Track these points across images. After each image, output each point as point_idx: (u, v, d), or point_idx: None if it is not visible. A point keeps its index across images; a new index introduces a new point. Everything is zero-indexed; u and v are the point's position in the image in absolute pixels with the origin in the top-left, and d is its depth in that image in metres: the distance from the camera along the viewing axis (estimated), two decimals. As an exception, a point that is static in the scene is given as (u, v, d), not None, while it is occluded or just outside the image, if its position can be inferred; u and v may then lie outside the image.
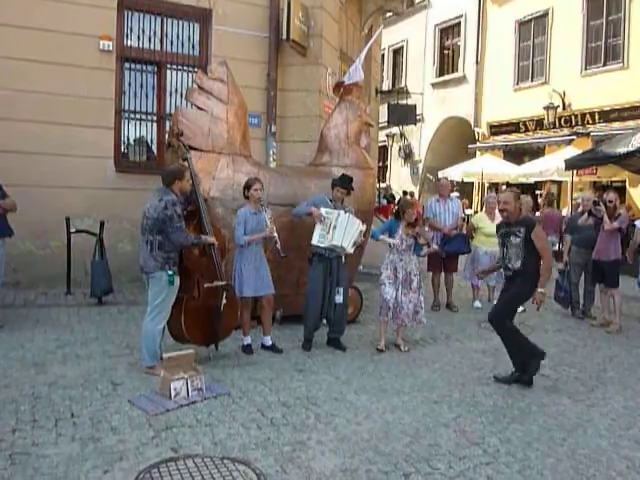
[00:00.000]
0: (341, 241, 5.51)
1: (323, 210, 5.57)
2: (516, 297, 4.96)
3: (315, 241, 5.56)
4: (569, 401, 4.51)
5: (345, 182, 5.75)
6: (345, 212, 5.62)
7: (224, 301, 4.94)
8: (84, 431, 3.62)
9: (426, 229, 7.48)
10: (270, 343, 5.53)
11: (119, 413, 3.91)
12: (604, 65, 14.95)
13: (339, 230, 5.51)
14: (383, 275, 5.77)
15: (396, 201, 13.71)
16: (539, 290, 4.73)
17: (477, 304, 8.06)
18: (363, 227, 5.66)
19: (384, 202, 17.16)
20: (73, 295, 7.34)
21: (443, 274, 8.05)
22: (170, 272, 4.60)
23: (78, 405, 4.01)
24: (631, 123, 13.76)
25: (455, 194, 8.00)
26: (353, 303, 6.61)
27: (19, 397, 4.10)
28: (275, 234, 5.30)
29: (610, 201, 7.08)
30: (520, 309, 7.61)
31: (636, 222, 8.07)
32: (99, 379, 4.54)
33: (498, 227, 5.19)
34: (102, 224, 7.29)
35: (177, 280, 4.69)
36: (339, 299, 5.67)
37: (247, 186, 5.39)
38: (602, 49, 15.05)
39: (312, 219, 5.63)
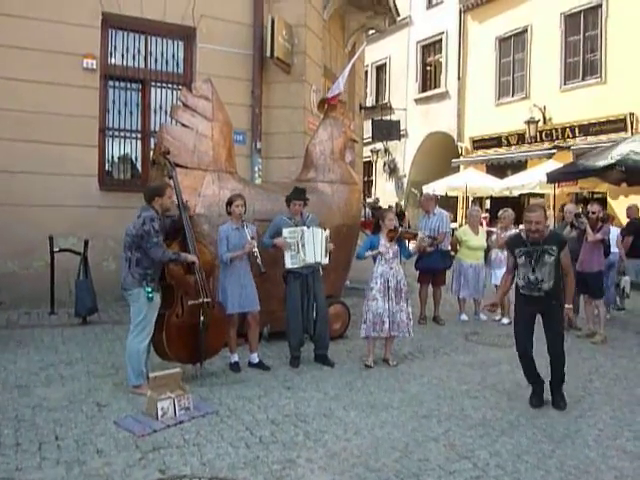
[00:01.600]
0: (313, 257, 5.53)
1: (286, 232, 5.54)
2: (562, 323, 4.82)
3: (289, 264, 5.55)
4: (557, 413, 4.52)
5: (299, 194, 5.71)
6: (307, 226, 5.61)
7: (202, 318, 4.90)
8: (69, 454, 3.56)
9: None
10: (257, 360, 5.49)
11: (105, 435, 3.86)
12: (583, 80, 15.23)
13: (308, 247, 5.52)
14: (374, 290, 5.66)
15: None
16: (568, 306, 4.72)
17: (463, 317, 8.09)
18: (327, 231, 5.65)
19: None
20: (57, 315, 7.25)
21: (431, 287, 8.06)
22: (148, 288, 4.58)
23: (63, 427, 3.95)
24: (611, 136, 14.01)
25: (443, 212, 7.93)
26: (340, 318, 6.61)
27: (2, 420, 4.03)
28: (255, 249, 5.26)
29: (593, 212, 7.16)
30: (506, 321, 7.73)
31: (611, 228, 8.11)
32: (84, 400, 4.48)
33: (513, 244, 4.79)
34: (86, 243, 7.23)
35: (157, 297, 4.67)
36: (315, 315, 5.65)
37: (229, 202, 5.39)
38: (580, 64, 15.35)
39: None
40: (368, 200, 20.12)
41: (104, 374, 5.14)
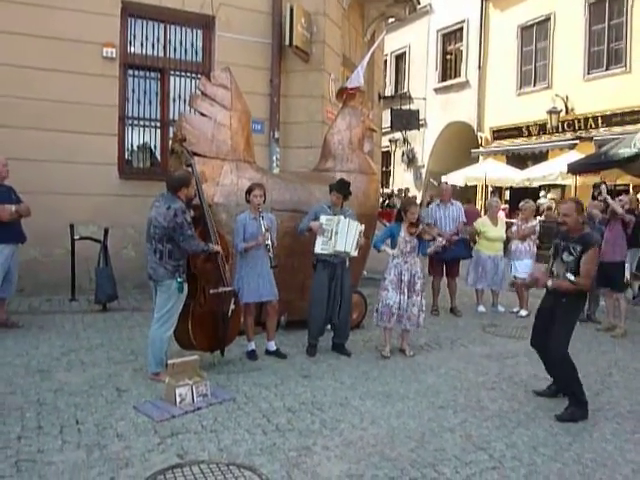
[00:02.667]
0: (344, 246, 5.50)
1: (323, 218, 5.55)
2: (568, 325, 4.40)
3: (318, 249, 5.55)
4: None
5: (341, 187, 5.69)
6: (345, 217, 5.60)
7: (232, 307, 4.94)
8: (89, 438, 3.62)
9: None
10: (274, 348, 5.53)
11: (124, 420, 3.92)
12: (607, 69, 14.95)
13: (341, 236, 5.50)
14: (386, 280, 5.70)
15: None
16: (570, 277, 4.26)
17: (481, 309, 8.05)
18: (362, 227, 5.63)
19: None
20: (78, 302, 7.36)
21: (445, 279, 8.03)
22: (180, 279, 4.60)
23: (83, 412, 4.02)
24: (635, 127, 13.74)
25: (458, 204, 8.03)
26: (357, 308, 6.61)
27: (24, 404, 4.11)
28: (268, 242, 5.23)
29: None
30: (524, 313, 7.68)
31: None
32: (104, 386, 4.55)
33: (555, 234, 4.66)
34: (106, 231, 7.31)
35: (186, 287, 4.69)
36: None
37: (248, 190, 5.40)
38: (604, 53, 15.06)
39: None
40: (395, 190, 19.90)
41: (124, 360, 5.21)
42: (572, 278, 4.26)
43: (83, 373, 4.83)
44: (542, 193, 15.75)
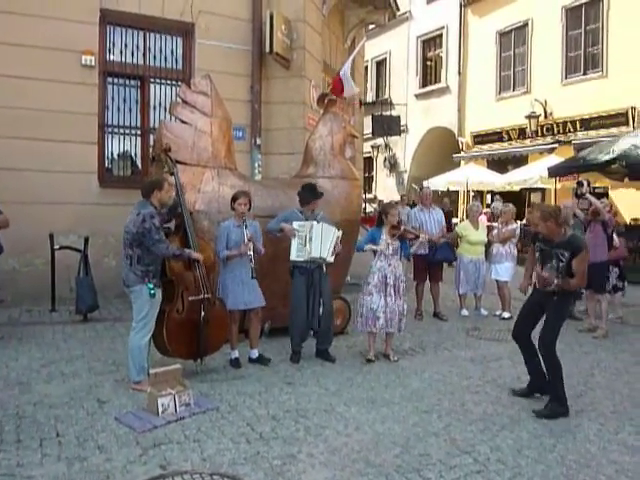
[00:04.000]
0: (319, 252, 5.49)
1: (295, 224, 5.53)
2: (560, 320, 4.55)
3: (294, 256, 5.53)
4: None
5: (309, 192, 5.69)
6: (318, 222, 5.59)
7: (202, 314, 4.90)
8: (70, 450, 3.56)
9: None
10: (257, 355, 5.49)
11: (105, 431, 3.86)
12: (584, 74, 15.19)
13: (315, 241, 5.49)
14: (370, 285, 5.68)
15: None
16: (558, 281, 4.40)
17: (464, 312, 8.08)
18: (339, 232, 5.62)
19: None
20: (58, 312, 7.25)
21: (428, 283, 8.05)
22: (150, 285, 4.58)
23: (64, 424, 3.95)
24: (612, 130, 13.97)
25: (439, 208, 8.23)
26: (341, 314, 6.60)
27: (3, 417, 4.03)
28: (250, 252, 5.19)
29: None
30: (506, 315, 7.73)
31: None
32: (85, 397, 4.48)
33: (534, 236, 4.76)
34: (86, 240, 7.23)
35: (159, 293, 4.66)
36: (321, 310, 5.61)
37: (233, 198, 5.38)
38: (582, 58, 15.30)
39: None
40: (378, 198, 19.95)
41: (105, 371, 5.15)
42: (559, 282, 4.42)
43: (63, 385, 4.76)
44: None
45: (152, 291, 4.58)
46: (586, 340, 6.73)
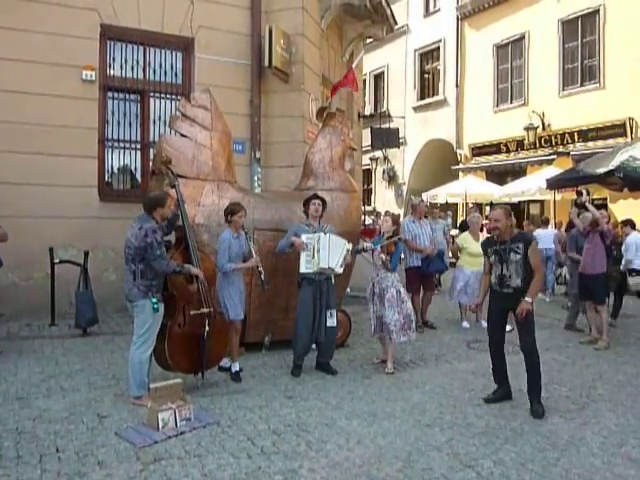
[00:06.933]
0: (328, 263, 5.50)
1: (304, 237, 5.56)
2: (530, 317, 4.74)
3: (302, 269, 5.55)
4: (561, 420, 4.49)
5: (314, 196, 5.84)
6: (325, 233, 5.61)
7: (206, 328, 4.88)
8: (70, 466, 3.53)
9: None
10: (238, 369, 5.42)
11: (106, 446, 3.82)
12: (581, 85, 15.29)
13: (323, 252, 5.50)
14: (367, 293, 6.01)
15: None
16: (528, 300, 4.65)
17: (465, 324, 8.06)
18: (349, 245, 5.65)
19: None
20: (58, 326, 7.23)
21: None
22: (154, 299, 4.56)
23: (63, 439, 3.92)
24: (610, 142, 14.02)
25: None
26: (342, 327, 6.57)
27: (2, 432, 4.00)
28: (261, 267, 5.28)
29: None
30: (508, 328, 7.68)
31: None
32: (85, 412, 4.45)
33: (486, 245, 5.09)
34: (86, 254, 7.22)
35: (162, 307, 4.65)
36: (331, 322, 5.63)
37: (231, 212, 5.36)
38: (579, 70, 15.41)
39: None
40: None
41: (105, 385, 5.12)
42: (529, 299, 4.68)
43: (63, 399, 4.73)
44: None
45: (155, 305, 4.56)
46: (588, 352, 6.70)
